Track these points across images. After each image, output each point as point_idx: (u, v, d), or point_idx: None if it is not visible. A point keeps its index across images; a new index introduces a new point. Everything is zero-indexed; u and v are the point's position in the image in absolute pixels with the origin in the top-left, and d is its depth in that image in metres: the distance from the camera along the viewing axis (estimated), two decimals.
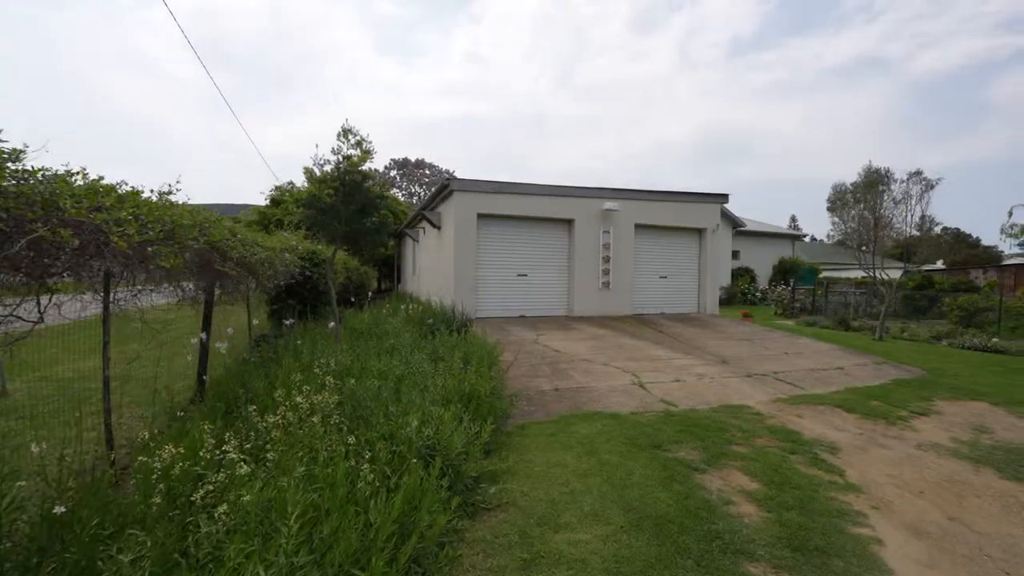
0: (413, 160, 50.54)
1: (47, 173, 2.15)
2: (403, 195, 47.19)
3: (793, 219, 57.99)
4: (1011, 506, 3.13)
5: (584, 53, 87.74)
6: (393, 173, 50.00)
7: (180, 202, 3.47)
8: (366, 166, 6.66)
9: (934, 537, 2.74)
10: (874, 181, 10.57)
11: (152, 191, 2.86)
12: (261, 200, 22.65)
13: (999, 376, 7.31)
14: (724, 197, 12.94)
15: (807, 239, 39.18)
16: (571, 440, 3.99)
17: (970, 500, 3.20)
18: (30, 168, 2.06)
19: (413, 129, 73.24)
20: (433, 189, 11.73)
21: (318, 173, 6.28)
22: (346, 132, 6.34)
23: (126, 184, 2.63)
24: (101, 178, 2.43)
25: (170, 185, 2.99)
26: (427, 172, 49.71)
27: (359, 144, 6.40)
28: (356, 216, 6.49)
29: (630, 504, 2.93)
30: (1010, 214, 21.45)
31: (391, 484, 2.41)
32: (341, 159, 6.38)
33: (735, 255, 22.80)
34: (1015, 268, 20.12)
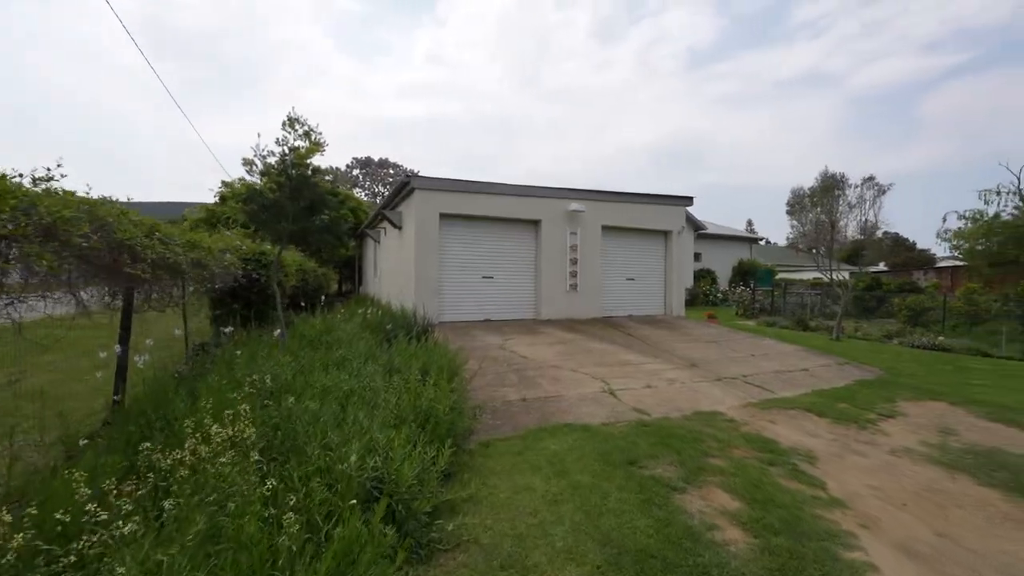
0: (376, 159, 49.24)
1: None
2: (366, 195, 45.81)
3: (750, 223, 60.30)
4: (994, 517, 3.01)
5: (549, 58, 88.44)
6: (356, 172, 48.55)
7: (90, 195, 2.90)
8: (316, 160, 6.11)
9: (927, 558, 2.55)
10: (830, 186, 10.86)
11: (21, 176, 2.29)
12: (212, 198, 21.26)
13: (950, 375, 7.54)
14: (689, 200, 13.02)
15: (763, 242, 40.71)
16: (540, 459, 3.65)
17: (953, 511, 3.07)
18: None
19: (377, 129, 71.50)
20: (394, 187, 11.17)
21: (259, 165, 5.67)
22: (292, 121, 5.77)
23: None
24: None
25: (49, 169, 2.42)
26: (391, 172, 48.54)
27: (307, 135, 5.85)
28: (304, 214, 5.92)
29: (607, 536, 2.61)
30: (944, 220, 22.79)
31: (323, 535, 1.97)
32: (287, 151, 5.81)
33: (697, 257, 23.25)
34: (951, 270, 21.45)
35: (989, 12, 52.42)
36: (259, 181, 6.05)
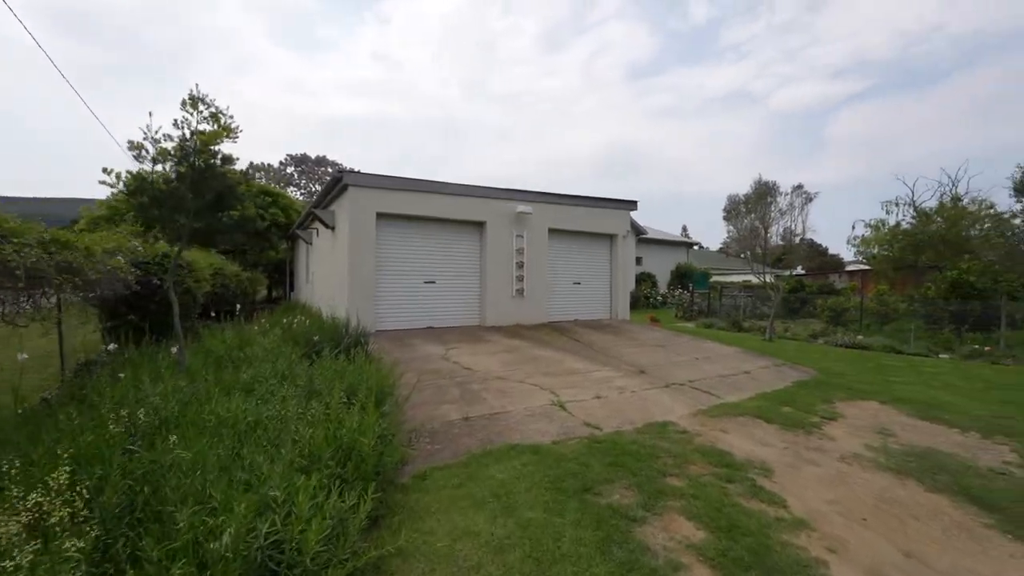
0: (313, 157, 46.58)
1: None
2: (302, 194, 43.12)
3: (685, 228, 63.46)
4: (949, 528, 2.94)
5: (495, 63, 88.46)
6: (290, 170, 45.63)
7: None
8: (226, 147, 5.29)
9: None
10: (764, 193, 11.34)
11: None
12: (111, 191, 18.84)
13: (873, 373, 7.95)
14: (633, 204, 13.14)
15: (697, 247, 42.88)
16: (484, 491, 3.19)
17: (911, 524, 2.97)
18: None
19: (317, 127, 67.67)
20: (326, 184, 10.28)
21: (151, 150, 4.78)
22: (195, 101, 4.93)
23: None
24: None
25: None
26: (329, 170, 46.09)
27: (215, 117, 5.03)
28: (210, 209, 5.09)
29: None
30: (853, 228, 24.97)
31: None
32: (188, 134, 4.96)
33: (638, 261, 23.86)
34: (860, 273, 23.51)
35: (885, 47, 59.17)
36: (155, 169, 5.13)
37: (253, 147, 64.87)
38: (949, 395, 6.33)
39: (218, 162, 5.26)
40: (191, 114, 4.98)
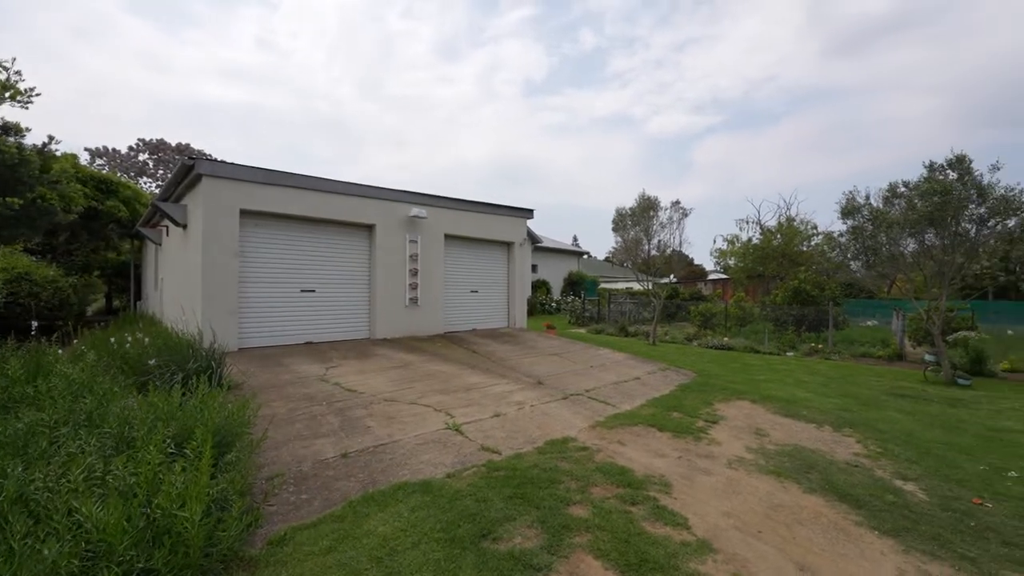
0: (173, 144, 40.04)
1: None
2: (159, 186, 36.70)
3: (576, 238, 67.16)
4: (828, 530, 3.07)
5: (392, 65, 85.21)
6: (143, 157, 38.61)
7: None
8: (9, 113, 3.92)
9: None
10: (647, 207, 12.15)
11: None
12: None
13: (741, 372, 8.80)
14: (530, 212, 13.21)
15: (586, 256, 45.54)
16: (361, 554, 2.59)
17: (798, 531, 3.05)
18: None
19: (183, 112, 57.88)
20: (174, 172, 8.56)
21: None
22: None
23: None
24: None
25: None
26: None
27: None
28: None
29: None
30: (714, 241, 28.27)
31: None
32: None
33: (534, 269, 24.42)
34: (723, 281, 26.77)
35: (733, 89, 69.35)
36: None
37: (96, 128, 53.82)
38: (802, 391, 7.17)
39: None
40: None
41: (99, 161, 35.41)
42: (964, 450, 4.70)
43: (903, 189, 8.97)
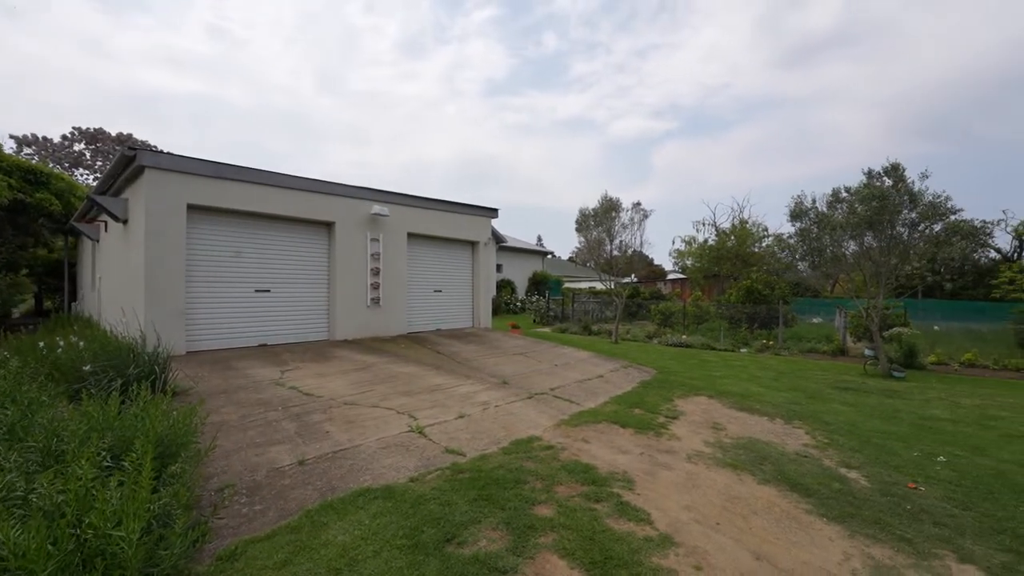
0: (114, 134, 37.26)
1: None
2: (96, 178, 34.04)
3: (540, 238, 67.71)
4: (781, 519, 3.21)
5: (354, 59, 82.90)
6: (80, 147, 35.72)
7: None
8: None
9: None
10: (609, 208, 12.37)
11: None
12: None
13: (699, 368, 9.11)
14: (494, 212, 13.17)
15: (550, 256, 46.01)
16: (319, 566, 2.47)
17: (754, 521, 3.16)
18: None
19: (126, 101, 53.71)
20: (112, 163, 7.96)
21: None
22: None
23: None
24: None
25: None
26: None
27: None
28: None
29: None
30: (673, 243, 29.25)
31: None
32: None
33: (498, 268, 24.39)
34: (681, 281, 27.69)
35: (689, 96, 72.07)
36: None
37: (25, 114, 49.32)
38: (756, 386, 7.49)
39: None
40: None
41: (27, 150, 32.60)
42: (900, 438, 5.04)
43: (845, 194, 9.56)
